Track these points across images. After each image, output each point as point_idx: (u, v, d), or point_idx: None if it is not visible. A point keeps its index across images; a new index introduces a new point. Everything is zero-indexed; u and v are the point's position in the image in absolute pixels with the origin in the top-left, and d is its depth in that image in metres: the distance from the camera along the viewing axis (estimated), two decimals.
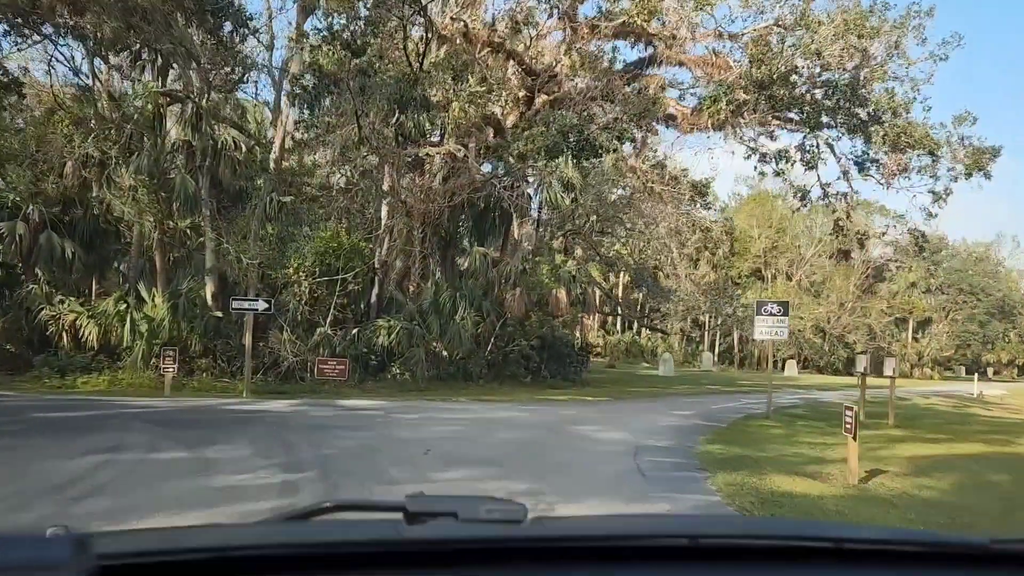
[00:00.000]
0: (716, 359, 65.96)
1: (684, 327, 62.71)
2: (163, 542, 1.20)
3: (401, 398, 19.54)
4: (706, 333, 69.57)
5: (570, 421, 14.41)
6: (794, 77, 15.72)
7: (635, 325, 76.45)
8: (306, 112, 21.43)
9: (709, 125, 19.12)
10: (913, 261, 25.33)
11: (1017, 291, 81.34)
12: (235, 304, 18.93)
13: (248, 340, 18.87)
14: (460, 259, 33.03)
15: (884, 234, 24.59)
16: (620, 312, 44.13)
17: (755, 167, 24.64)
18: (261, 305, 18.89)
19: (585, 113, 17.48)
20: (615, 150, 17.30)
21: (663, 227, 35.31)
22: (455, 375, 25.34)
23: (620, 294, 49.18)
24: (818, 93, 16.31)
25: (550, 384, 26.45)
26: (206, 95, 22.59)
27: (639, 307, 40.85)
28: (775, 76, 15.33)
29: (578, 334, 29.01)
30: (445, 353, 25.66)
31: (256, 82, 46.46)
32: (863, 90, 16.93)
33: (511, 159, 21.40)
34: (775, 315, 17.34)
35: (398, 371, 24.70)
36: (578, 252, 32.82)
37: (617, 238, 39.04)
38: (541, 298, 28.51)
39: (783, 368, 70.57)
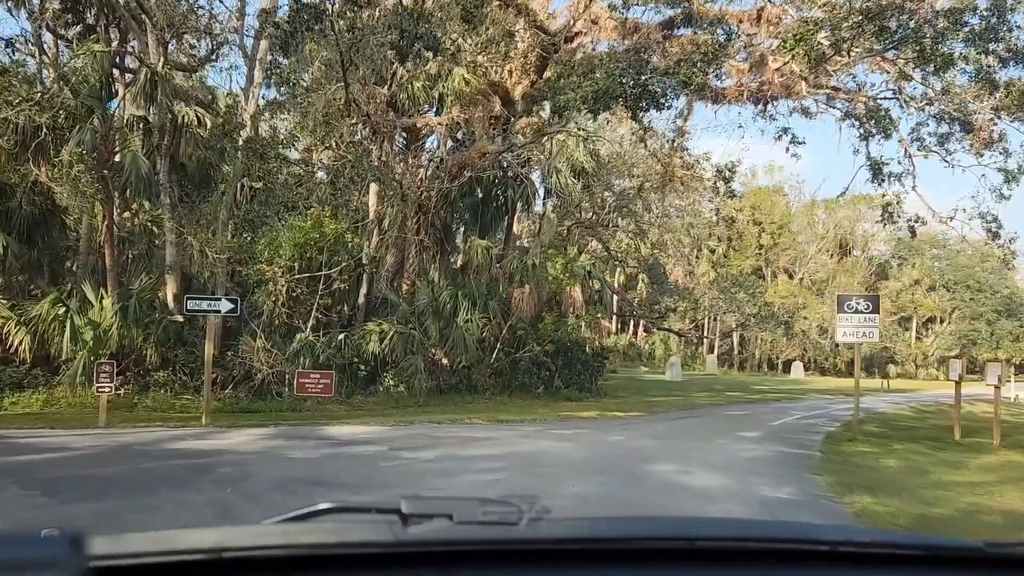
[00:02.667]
0: (717, 362, 62.83)
1: (683, 327, 59.50)
2: (158, 543, 1.13)
3: (399, 417, 16.08)
4: (706, 334, 66.37)
5: (632, 456, 10.97)
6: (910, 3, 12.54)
7: (632, 326, 73.27)
8: (281, 59, 17.91)
9: (795, 69, 15.75)
10: (991, 247, 21.67)
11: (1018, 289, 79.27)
12: (191, 304, 15.22)
13: (209, 350, 15.26)
14: (456, 255, 29.65)
15: (952, 219, 21.26)
16: (635, 312, 40.88)
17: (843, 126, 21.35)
18: (225, 306, 15.17)
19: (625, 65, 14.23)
20: (689, 90, 13.81)
21: (679, 219, 32.10)
22: (458, 386, 21.90)
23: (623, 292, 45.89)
24: (940, 23, 13.16)
25: (566, 396, 23.06)
26: (161, 59, 18.97)
27: (649, 307, 37.68)
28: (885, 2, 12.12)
29: (590, 336, 25.63)
30: (446, 361, 22.23)
31: (231, 71, 42.78)
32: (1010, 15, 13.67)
33: (545, 114, 17.80)
34: (863, 312, 14.11)
35: (392, 383, 21.23)
36: (593, 245, 29.51)
37: (626, 232, 35.75)
38: (552, 296, 25.14)
39: (788, 370, 67.82)
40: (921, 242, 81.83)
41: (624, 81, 13.28)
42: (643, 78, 13.40)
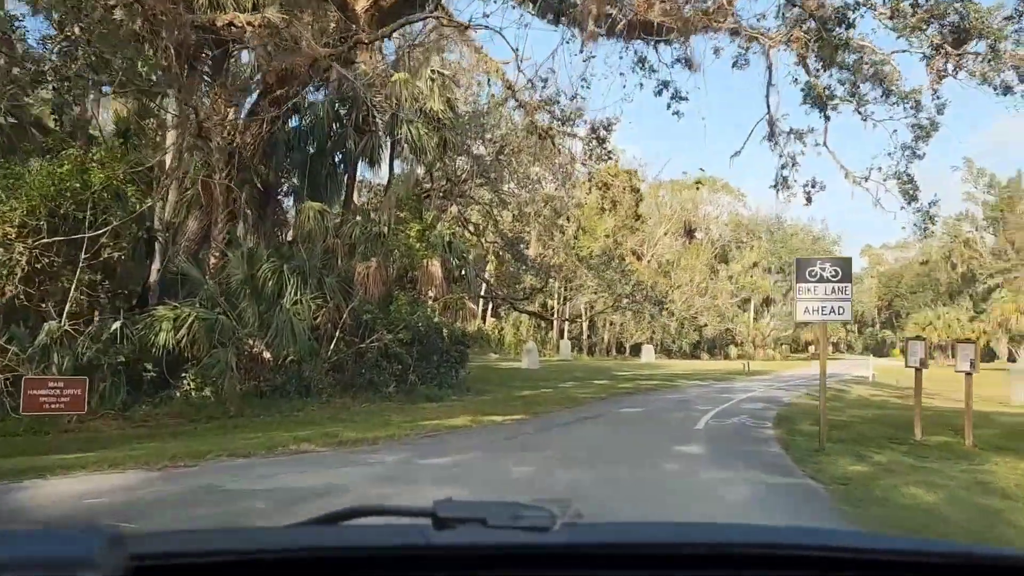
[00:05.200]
0: (570, 346, 60.24)
1: (540, 311, 56.42)
2: (195, 544, 1.17)
3: (191, 440, 10.97)
4: (557, 318, 63.61)
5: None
6: None
7: (481, 309, 69.63)
8: None
9: None
10: (906, 210, 19.06)
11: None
12: None
13: None
14: (286, 228, 24.31)
15: (867, 179, 18.59)
16: (495, 293, 36.72)
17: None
18: None
19: None
20: None
21: (547, 185, 28.34)
22: (285, 388, 16.82)
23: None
24: None
25: (425, 394, 18.52)
26: None
27: (511, 286, 33.77)
28: None
29: (452, 321, 21.19)
30: (268, 355, 17.06)
31: None
32: None
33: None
34: (830, 280, 10.65)
35: (193, 385, 15.87)
36: (452, 210, 25.01)
37: (482, 204, 31.55)
38: (405, 272, 20.45)
39: (637, 354, 66.65)
40: (758, 225, 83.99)
41: None
42: None
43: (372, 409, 16.27)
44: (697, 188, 66.29)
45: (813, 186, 21.61)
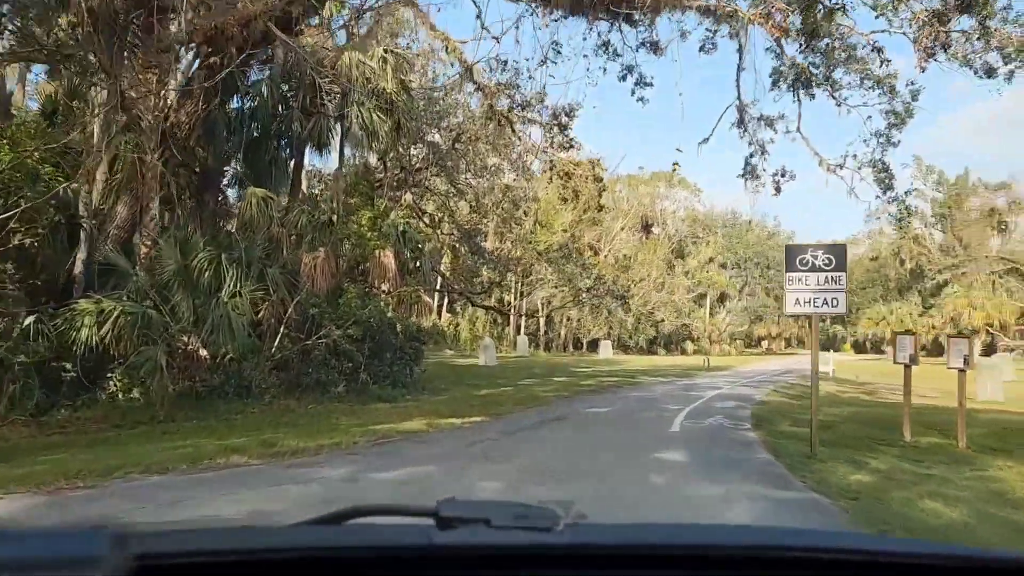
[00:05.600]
0: (527, 342, 59.18)
1: (499, 305, 55.32)
2: (198, 543, 1.17)
3: (107, 451, 9.56)
4: (514, 313, 62.46)
5: None
6: None
7: (436, 304, 68.23)
8: None
9: None
10: (881, 200, 18.30)
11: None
12: None
13: None
14: (230, 218, 22.74)
15: (841, 166, 17.85)
16: (452, 287, 35.28)
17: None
18: None
19: None
20: None
21: (506, 175, 27.21)
22: (223, 389, 15.39)
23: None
24: None
25: (377, 394, 17.24)
26: None
27: (468, 280, 32.44)
28: None
29: (406, 316, 19.90)
30: (205, 353, 15.61)
31: None
32: None
33: None
34: (824, 269, 9.70)
35: (118, 387, 14.40)
36: (407, 199, 23.61)
37: (438, 194, 30.25)
38: (356, 264, 19.09)
39: (594, 349, 65.90)
40: (714, 221, 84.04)
41: None
42: None
43: (319, 411, 14.95)
44: (675, 170, 65.10)
45: (783, 175, 20.89)
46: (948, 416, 15.85)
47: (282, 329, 16.75)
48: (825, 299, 9.73)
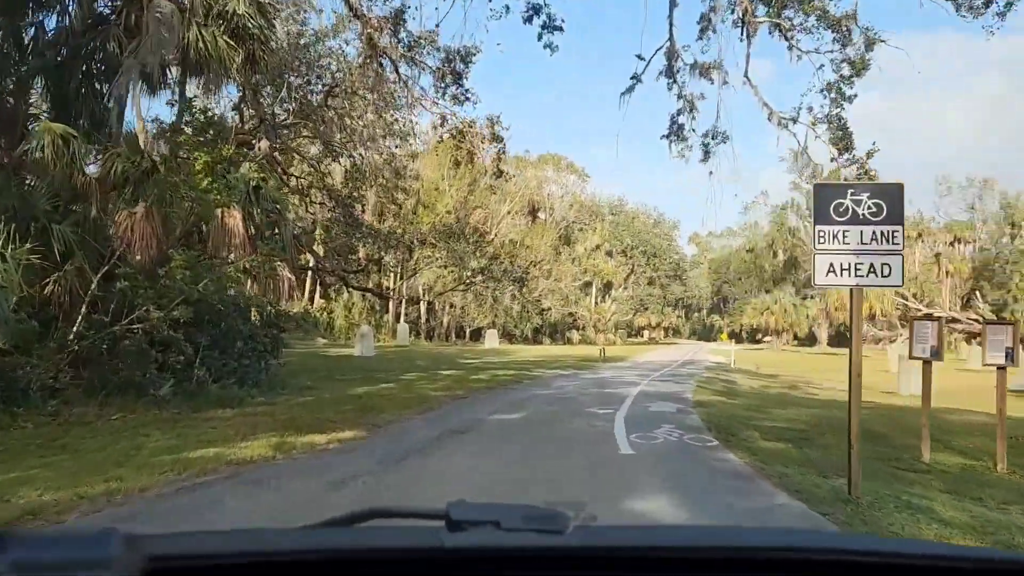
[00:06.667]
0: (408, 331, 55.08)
1: (379, 288, 51.01)
2: (210, 545, 1.16)
3: None
4: (392, 296, 57.99)
5: None
6: None
7: (308, 288, 62.99)
8: None
9: None
10: (838, 162, 15.63)
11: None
12: None
13: None
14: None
15: (795, 120, 15.11)
16: (321, 266, 30.43)
17: None
18: None
19: None
20: None
21: (388, 141, 23.30)
22: None
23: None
24: None
25: (217, 397, 13.05)
26: None
27: (344, 258, 28.13)
28: None
29: (258, 295, 15.72)
30: None
31: None
32: None
33: None
34: (871, 220, 6.53)
35: None
36: (262, 147, 19.05)
37: (307, 157, 25.88)
38: (193, 226, 14.71)
39: (478, 338, 62.58)
40: (600, 207, 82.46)
41: None
42: None
43: (125, 425, 10.71)
44: (541, 167, 62.48)
45: (714, 137, 18.07)
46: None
47: (83, 309, 12.32)
48: (873, 266, 6.62)
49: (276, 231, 15.34)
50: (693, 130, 17.88)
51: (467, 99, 20.59)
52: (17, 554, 0.94)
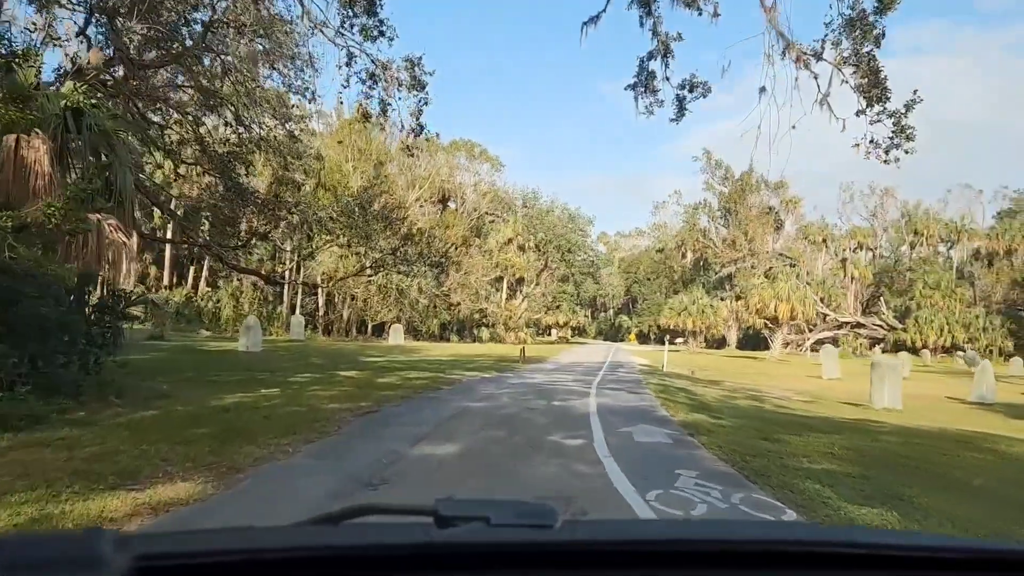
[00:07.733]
0: (303, 324, 49.95)
1: (271, 273, 45.75)
2: (199, 543, 1.15)
3: None
4: (287, 282, 52.51)
5: None
6: None
7: (192, 275, 56.84)
8: None
9: None
10: (869, 116, 12.42)
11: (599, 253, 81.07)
12: None
13: None
14: None
15: (818, 56, 11.80)
16: (192, 241, 25.16)
17: None
18: None
19: None
20: None
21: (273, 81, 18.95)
22: None
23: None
24: None
25: (28, 409, 8.58)
26: None
27: (222, 231, 23.28)
28: None
29: (78, 267, 11.19)
30: None
31: None
32: None
33: None
34: None
35: None
36: (93, 57, 14.25)
37: (181, 110, 21.05)
38: None
39: (380, 334, 57.88)
40: (514, 199, 78.99)
41: None
42: None
43: None
44: (453, 153, 58.26)
45: (691, 89, 14.59)
46: (935, 442, 10.38)
47: None
48: None
49: (109, 178, 10.84)
50: (667, 78, 14.38)
51: (381, 33, 16.49)
52: (9, 553, 0.93)
